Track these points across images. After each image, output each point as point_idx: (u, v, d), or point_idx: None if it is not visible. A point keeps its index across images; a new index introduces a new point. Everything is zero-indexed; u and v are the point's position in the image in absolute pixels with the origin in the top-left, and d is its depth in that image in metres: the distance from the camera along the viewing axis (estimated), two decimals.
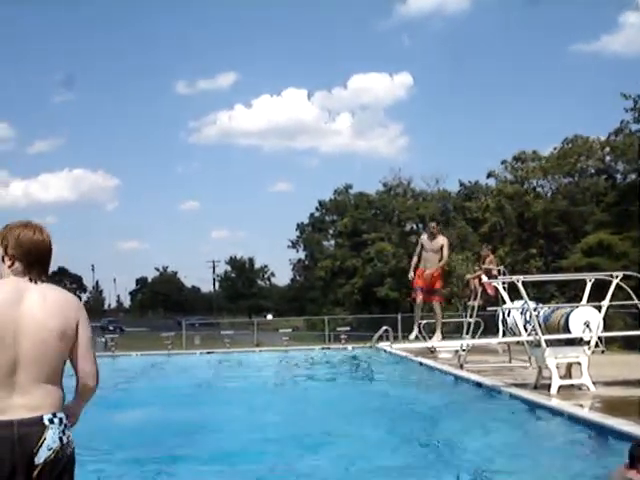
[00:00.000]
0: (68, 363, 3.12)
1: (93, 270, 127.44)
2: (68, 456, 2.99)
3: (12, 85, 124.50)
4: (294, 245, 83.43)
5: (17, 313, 2.95)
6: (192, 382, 14.92)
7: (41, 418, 2.92)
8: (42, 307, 3.01)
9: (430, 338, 16.39)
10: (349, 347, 22.87)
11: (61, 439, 2.95)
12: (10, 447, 2.85)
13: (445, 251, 15.49)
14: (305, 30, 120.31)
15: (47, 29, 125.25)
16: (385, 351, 20.06)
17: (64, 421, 3.00)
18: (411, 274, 15.69)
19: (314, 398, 11.99)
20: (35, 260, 3.17)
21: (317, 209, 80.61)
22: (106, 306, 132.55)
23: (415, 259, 15.79)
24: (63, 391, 3.07)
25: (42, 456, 2.88)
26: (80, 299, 3.32)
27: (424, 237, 16.05)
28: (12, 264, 3.14)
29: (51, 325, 2.99)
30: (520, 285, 11.27)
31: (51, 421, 2.94)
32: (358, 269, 64.90)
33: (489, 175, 58.86)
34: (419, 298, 15.78)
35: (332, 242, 77.18)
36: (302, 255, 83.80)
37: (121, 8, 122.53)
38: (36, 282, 3.11)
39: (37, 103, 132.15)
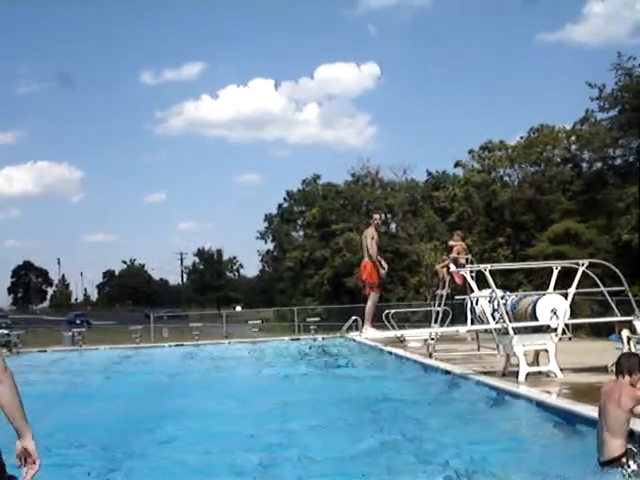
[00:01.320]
0: None
1: (59, 264, 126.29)
2: None
3: None
4: (263, 236, 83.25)
5: None
6: (159, 375, 14.81)
7: None
8: None
9: (400, 327, 16.46)
10: (319, 337, 22.84)
11: None
12: None
13: (366, 243, 15.66)
14: (272, 20, 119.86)
15: (8, 18, 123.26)
16: (354, 340, 20.08)
17: None
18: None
19: (280, 389, 11.94)
20: None
21: (285, 200, 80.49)
22: (73, 300, 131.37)
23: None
24: None
25: None
26: (46, 293, 3.29)
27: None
28: None
29: None
30: (487, 274, 11.30)
31: None
32: (327, 259, 64.91)
33: (456, 165, 59.18)
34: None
35: (301, 233, 77.08)
36: (271, 246, 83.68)
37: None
38: None
39: (0, 94, 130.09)
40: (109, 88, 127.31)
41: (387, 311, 21.03)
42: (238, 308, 71.63)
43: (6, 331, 28.30)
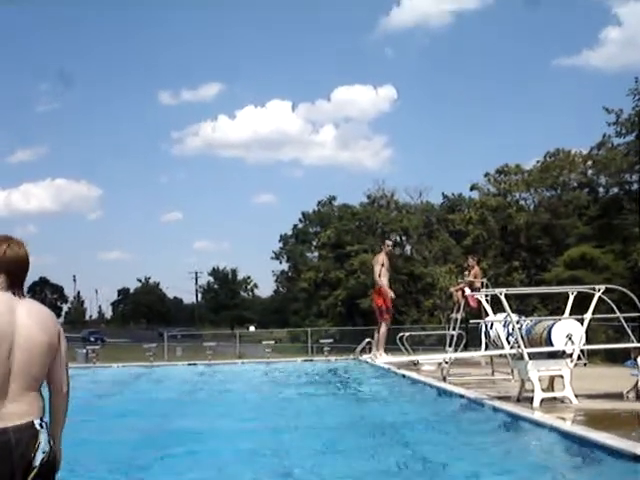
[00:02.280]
0: None
1: (75, 280, 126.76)
2: (56, 458, 3.27)
3: None
4: (277, 256, 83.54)
5: (12, 327, 3.14)
6: (172, 394, 14.79)
7: (32, 423, 3.14)
8: (31, 321, 3.22)
9: (413, 350, 16.43)
10: (332, 359, 22.75)
11: (49, 442, 3.18)
12: (8, 453, 3.02)
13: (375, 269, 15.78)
14: (290, 42, 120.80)
15: (31, 39, 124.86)
16: (368, 363, 20.00)
17: (48, 425, 3.23)
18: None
19: (293, 410, 11.89)
20: (18, 275, 3.35)
21: (301, 220, 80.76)
22: (87, 317, 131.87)
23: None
24: (43, 399, 3.29)
25: (38, 459, 3.10)
26: (61, 310, 3.49)
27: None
28: None
29: (40, 339, 3.22)
30: (503, 298, 11.25)
31: (41, 425, 3.17)
32: (341, 281, 64.92)
33: (472, 188, 59.24)
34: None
35: (315, 254, 77.20)
36: (285, 266, 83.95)
37: (105, 19, 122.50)
38: (19, 297, 3.29)
39: (20, 112, 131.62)
40: (128, 108, 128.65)
41: (401, 334, 20.95)
42: (252, 328, 71.55)
43: None
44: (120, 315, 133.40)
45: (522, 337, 11.01)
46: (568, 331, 10.92)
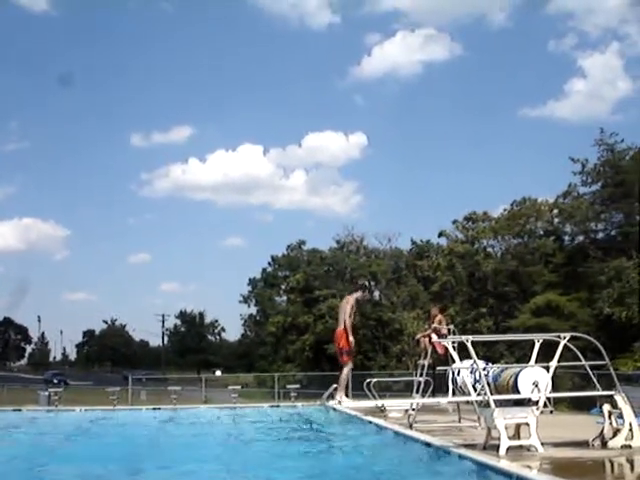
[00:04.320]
0: None
1: (39, 321, 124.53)
2: None
3: None
4: (246, 300, 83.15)
5: None
6: (131, 440, 14.49)
7: None
8: None
9: (381, 397, 16.32)
10: (298, 405, 22.50)
11: None
12: None
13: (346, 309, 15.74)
14: (261, 87, 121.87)
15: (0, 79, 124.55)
16: (334, 409, 19.81)
17: None
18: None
19: (254, 459, 11.68)
20: None
21: (270, 264, 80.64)
22: (51, 358, 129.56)
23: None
24: None
25: None
26: (25, 351, 3.35)
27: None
28: None
29: None
30: (469, 345, 11.24)
31: None
32: (309, 326, 64.70)
33: (440, 234, 59.68)
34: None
35: (284, 298, 76.94)
36: (254, 310, 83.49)
37: (78, 59, 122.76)
38: None
39: None
40: (99, 148, 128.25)
41: (368, 380, 20.82)
42: (218, 372, 70.81)
43: None
44: (84, 357, 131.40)
45: (489, 384, 10.98)
46: (534, 378, 10.92)
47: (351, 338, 15.68)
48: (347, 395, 16.41)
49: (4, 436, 16.49)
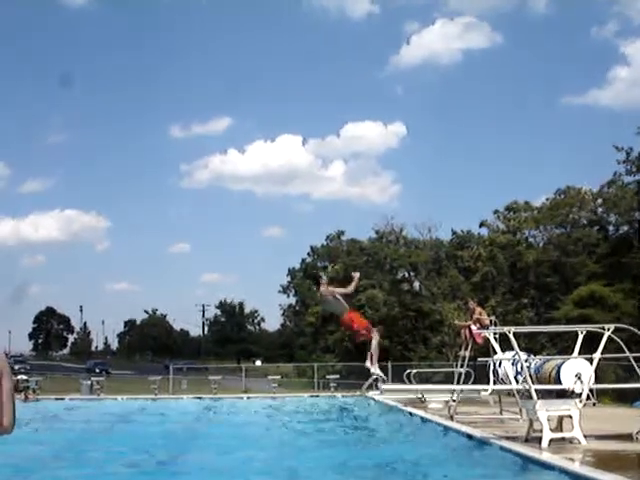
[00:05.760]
0: None
1: (81, 311, 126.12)
2: None
3: (8, 125, 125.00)
4: (285, 290, 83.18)
5: None
6: (174, 427, 14.65)
7: None
8: None
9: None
10: (338, 395, 22.57)
11: None
12: None
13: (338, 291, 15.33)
14: (300, 78, 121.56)
15: (43, 72, 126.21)
16: (374, 400, 19.81)
17: None
18: None
19: (297, 449, 11.72)
20: None
21: (309, 254, 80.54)
22: (93, 348, 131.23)
23: None
24: None
25: None
26: (67, 340, 3.47)
27: None
28: None
29: None
30: (511, 336, 11.13)
31: None
32: None
33: (482, 224, 59.09)
34: None
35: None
36: (293, 300, 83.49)
37: (118, 51, 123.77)
38: None
39: (32, 143, 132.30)
40: (139, 140, 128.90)
41: (408, 370, 20.79)
42: (258, 362, 71.24)
43: (25, 377, 28.29)
44: (126, 346, 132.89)
45: (531, 376, 10.87)
46: (577, 370, 10.79)
47: (357, 315, 15.22)
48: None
49: (49, 424, 16.81)
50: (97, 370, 61.16)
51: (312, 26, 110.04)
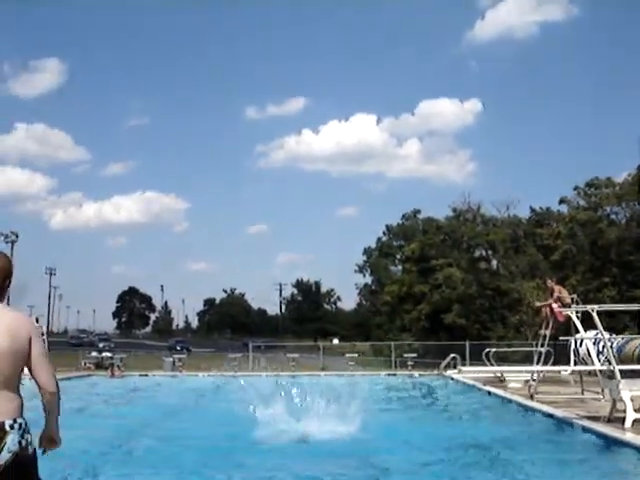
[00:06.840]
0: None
1: (162, 290, 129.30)
2: (29, 457, 3.36)
3: (91, 110, 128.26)
4: (361, 270, 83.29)
5: None
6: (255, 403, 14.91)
7: (3, 424, 3.28)
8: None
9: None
10: (416, 374, 22.59)
11: (20, 442, 3.30)
12: None
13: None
14: (374, 56, 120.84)
15: (124, 59, 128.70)
16: (452, 379, 19.76)
17: (23, 426, 3.35)
18: None
19: (380, 427, 11.79)
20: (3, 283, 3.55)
21: (384, 234, 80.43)
22: (174, 326, 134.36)
23: None
24: (21, 398, 3.41)
25: (3, 458, 3.23)
26: (149, 319, 3.52)
27: None
28: None
29: (3, 344, 3.32)
30: (594, 314, 10.95)
31: (12, 426, 3.30)
32: (426, 295, 64.31)
33: (561, 201, 57.90)
34: None
35: (399, 267, 76.68)
36: (369, 280, 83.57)
37: (194, 36, 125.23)
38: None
39: (113, 127, 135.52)
40: (215, 122, 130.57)
41: (487, 349, 20.66)
42: (335, 341, 71.54)
43: (109, 354, 29.31)
44: (205, 325, 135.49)
45: (614, 355, 10.69)
46: None
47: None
48: None
49: (133, 399, 17.36)
50: (178, 348, 62.50)
51: (385, 3, 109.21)
